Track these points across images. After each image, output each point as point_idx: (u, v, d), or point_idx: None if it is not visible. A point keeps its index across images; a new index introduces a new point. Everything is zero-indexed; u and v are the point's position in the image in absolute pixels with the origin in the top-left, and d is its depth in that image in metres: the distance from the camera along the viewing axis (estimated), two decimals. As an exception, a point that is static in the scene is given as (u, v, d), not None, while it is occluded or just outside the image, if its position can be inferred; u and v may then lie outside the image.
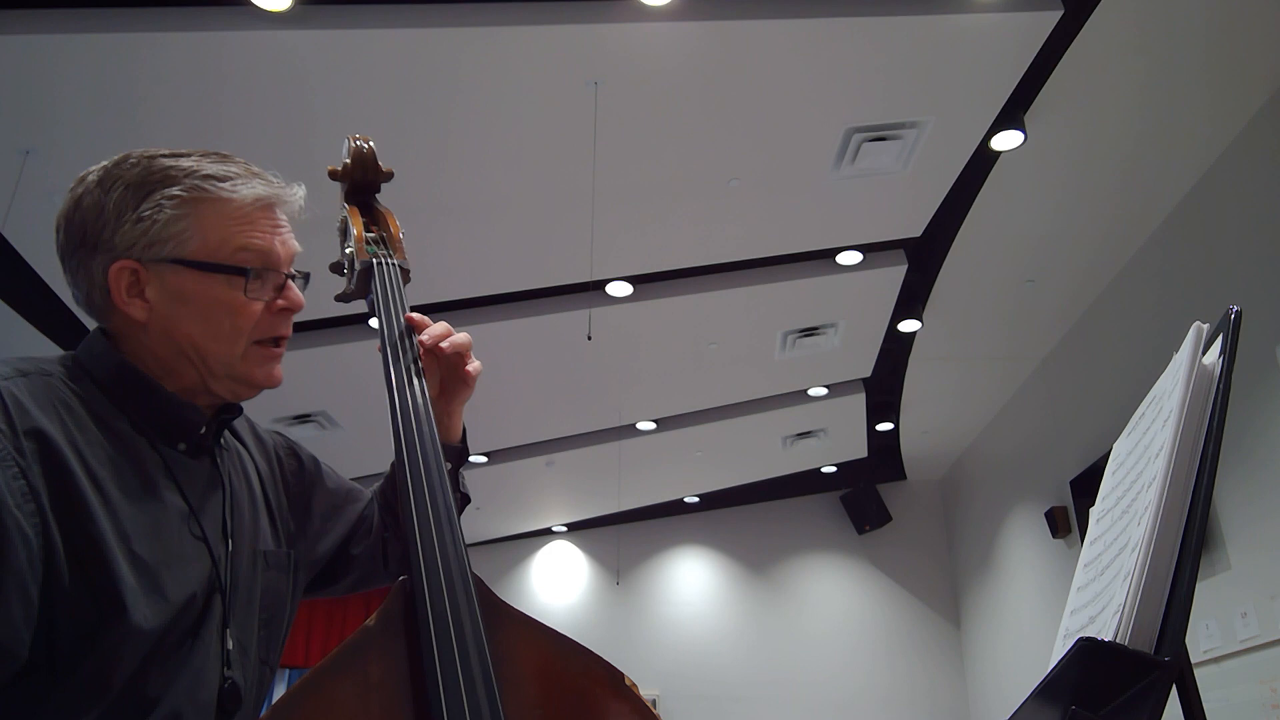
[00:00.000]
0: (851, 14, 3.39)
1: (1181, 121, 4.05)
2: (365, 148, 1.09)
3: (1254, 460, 3.85)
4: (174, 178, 0.94)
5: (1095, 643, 0.72)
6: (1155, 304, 4.80)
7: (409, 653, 0.82)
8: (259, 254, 0.96)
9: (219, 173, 0.95)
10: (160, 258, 0.92)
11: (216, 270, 0.93)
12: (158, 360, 0.95)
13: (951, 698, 7.79)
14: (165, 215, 0.92)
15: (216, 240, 0.94)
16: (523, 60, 3.43)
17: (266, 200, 0.98)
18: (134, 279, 0.92)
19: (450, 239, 4.30)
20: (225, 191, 0.95)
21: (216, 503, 0.98)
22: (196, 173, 0.95)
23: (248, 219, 0.96)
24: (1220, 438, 0.76)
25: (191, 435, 0.97)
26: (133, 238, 0.92)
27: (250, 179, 0.97)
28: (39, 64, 3.16)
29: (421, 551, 0.87)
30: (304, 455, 1.18)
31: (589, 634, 7.96)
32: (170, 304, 0.93)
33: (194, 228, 0.93)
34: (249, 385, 0.98)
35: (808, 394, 6.51)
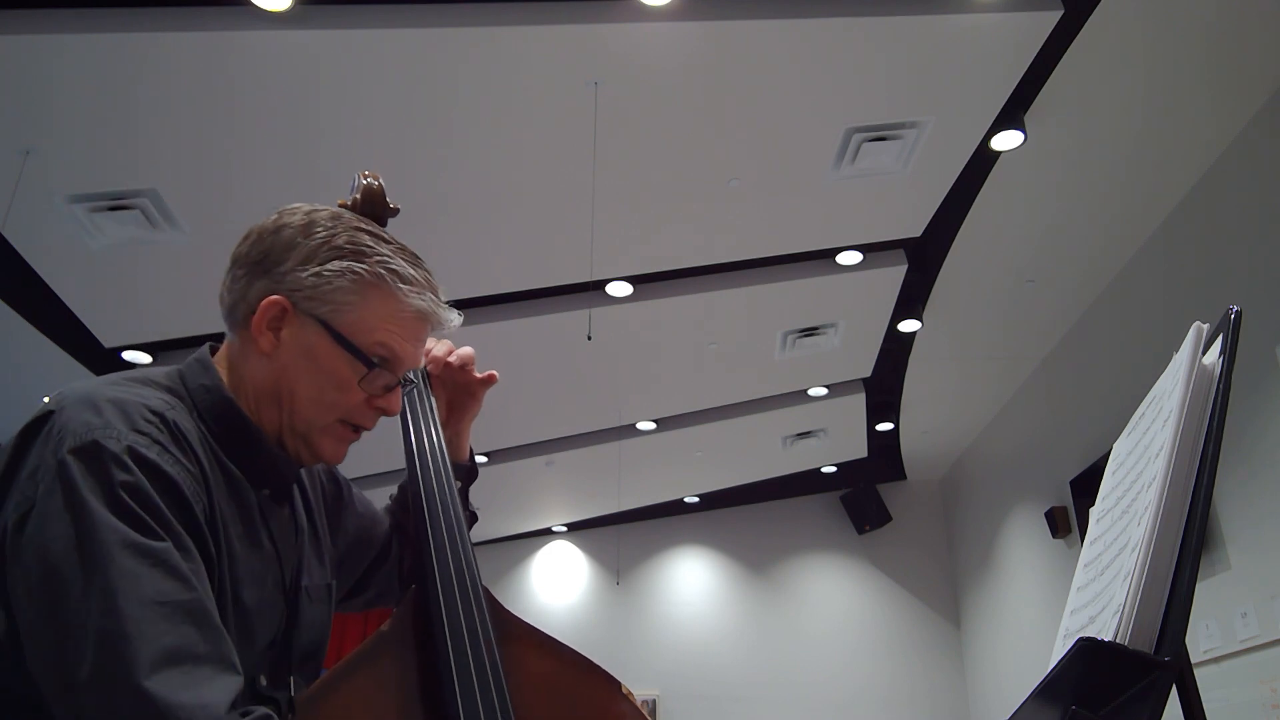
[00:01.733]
0: (851, 14, 3.39)
1: (1181, 121, 4.05)
2: (375, 184, 1.12)
3: (1254, 460, 3.85)
4: (366, 256, 0.98)
5: (1095, 643, 0.72)
6: (1155, 304, 4.80)
7: (419, 658, 0.87)
8: (392, 358, 0.99)
9: (404, 274, 0.99)
10: (313, 313, 0.96)
11: (351, 351, 0.96)
12: (254, 392, 0.97)
13: (951, 698, 7.79)
14: (340, 283, 0.96)
15: (367, 326, 0.97)
16: (523, 60, 3.43)
17: (427, 315, 1.02)
18: (280, 315, 0.96)
19: (450, 239, 4.30)
20: (400, 293, 0.99)
21: (291, 548, 1.01)
22: (387, 263, 0.98)
23: (401, 324, 0.99)
24: (1220, 438, 0.77)
25: (281, 485, 1.00)
26: (301, 284, 0.96)
27: (424, 292, 1.01)
28: (39, 64, 3.16)
29: (437, 566, 0.92)
30: (341, 480, 1.21)
31: (589, 634, 7.96)
32: (295, 352, 0.96)
33: (357, 306, 0.97)
34: (314, 455, 1.01)
35: (808, 394, 6.51)
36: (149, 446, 0.81)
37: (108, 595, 0.73)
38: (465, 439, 1.23)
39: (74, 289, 4.27)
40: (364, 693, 0.82)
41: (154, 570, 0.76)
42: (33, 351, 4.63)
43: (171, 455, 0.83)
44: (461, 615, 0.88)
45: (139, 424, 0.82)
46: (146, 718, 0.70)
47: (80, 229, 3.86)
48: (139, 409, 0.84)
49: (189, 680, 0.73)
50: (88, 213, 3.78)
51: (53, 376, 4.77)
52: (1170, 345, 0.89)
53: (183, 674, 0.73)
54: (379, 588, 1.23)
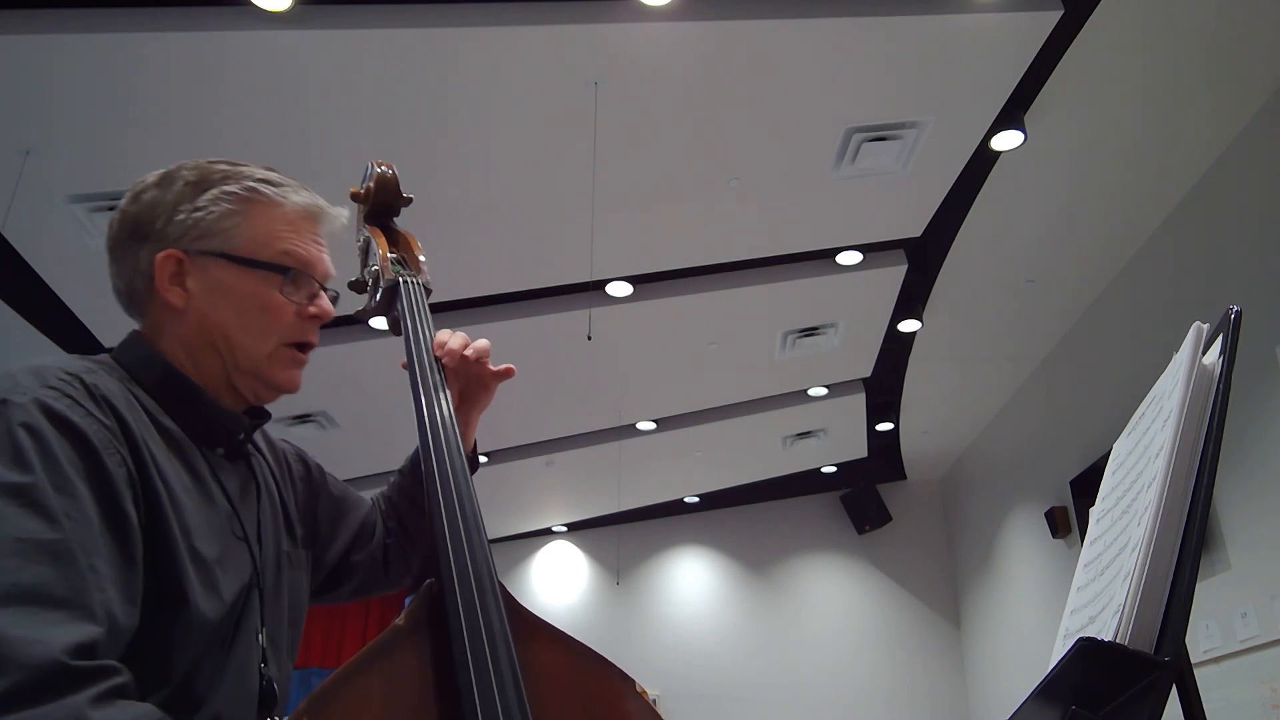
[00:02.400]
0: (851, 14, 3.39)
1: (1181, 121, 4.05)
2: (389, 173, 1.12)
3: (1254, 460, 3.85)
4: (231, 178, 1.00)
5: (1095, 643, 0.72)
6: (1155, 304, 4.80)
7: (435, 653, 0.86)
8: (299, 259, 1.00)
9: (273, 179, 1.02)
10: (206, 250, 0.97)
11: (257, 267, 0.98)
12: (187, 350, 0.98)
13: (951, 698, 7.79)
14: (219, 209, 0.97)
15: (262, 240, 0.99)
16: (523, 60, 3.43)
17: (313, 212, 1.03)
18: (178, 268, 0.96)
19: (450, 239, 4.30)
20: (277, 195, 1.01)
21: (251, 505, 1.01)
22: (252, 176, 1.00)
23: (293, 226, 1.01)
24: (1220, 438, 0.76)
25: (230, 441, 1.00)
26: (184, 229, 0.97)
27: (300, 190, 1.03)
28: (39, 64, 3.16)
29: (453, 559, 0.91)
30: (311, 462, 1.21)
31: (589, 634, 7.93)
32: (209, 294, 0.97)
33: (243, 225, 0.98)
34: (270, 386, 1.01)
35: (808, 394, 6.51)
36: (57, 399, 0.81)
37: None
38: (472, 429, 1.24)
39: (74, 289, 4.27)
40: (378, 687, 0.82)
41: (21, 509, 0.74)
42: (33, 351, 4.63)
43: (82, 409, 0.83)
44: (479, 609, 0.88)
45: (50, 381, 0.83)
46: None
47: (80, 229, 3.86)
48: (53, 371, 0.85)
49: (29, 620, 0.69)
50: (88, 213, 3.78)
51: (53, 376, 4.76)
52: (1170, 345, 0.89)
53: (25, 613, 0.70)
54: (362, 574, 1.22)
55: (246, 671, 0.93)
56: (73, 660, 0.69)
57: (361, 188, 1.12)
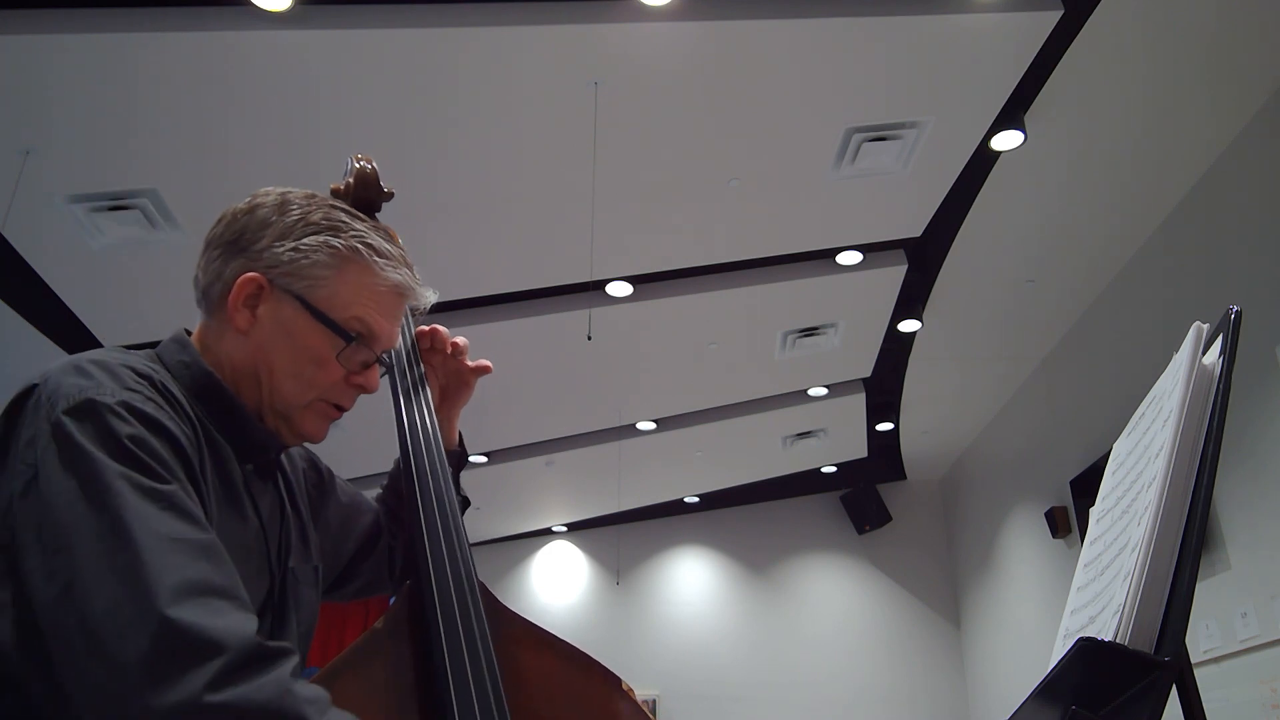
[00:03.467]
0: (851, 14, 3.39)
1: (1181, 121, 4.05)
2: (369, 168, 1.11)
3: (1254, 460, 3.85)
4: (341, 231, 0.98)
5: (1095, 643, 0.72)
6: (1155, 304, 4.80)
7: (415, 654, 0.86)
8: (369, 333, 0.99)
9: (380, 248, 1.00)
10: (289, 289, 0.96)
11: (327, 325, 0.96)
12: (233, 371, 0.97)
13: (951, 698, 7.79)
14: (317, 258, 0.97)
15: (343, 301, 0.97)
16: (523, 60, 3.43)
17: (403, 291, 1.02)
18: (256, 292, 0.96)
19: (450, 239, 4.30)
20: (377, 267, 0.99)
21: (276, 523, 1.01)
22: (363, 237, 0.99)
23: (378, 298, 1.00)
24: (1220, 438, 0.77)
25: (262, 458, 1.00)
26: (278, 260, 0.96)
27: (400, 267, 1.01)
28: (39, 64, 3.16)
29: (431, 560, 0.91)
30: (323, 468, 1.21)
31: (589, 634, 7.96)
32: (272, 329, 0.97)
33: (333, 280, 0.97)
34: (296, 433, 1.01)
35: (808, 394, 6.50)
36: (144, 401, 0.82)
37: (120, 534, 0.73)
38: (455, 424, 1.23)
39: (74, 289, 4.27)
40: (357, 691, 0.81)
41: (165, 512, 0.75)
42: (33, 351, 4.63)
43: (166, 411, 0.83)
44: (456, 609, 0.87)
45: (129, 383, 0.83)
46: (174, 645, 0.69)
47: (80, 229, 3.86)
48: (126, 370, 0.85)
49: (213, 610, 0.72)
50: (88, 213, 3.78)
51: (53, 376, 4.76)
52: (1170, 345, 0.89)
53: (206, 604, 0.72)
54: (368, 576, 1.23)
55: None
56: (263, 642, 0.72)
57: (341, 183, 1.12)
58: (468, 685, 0.82)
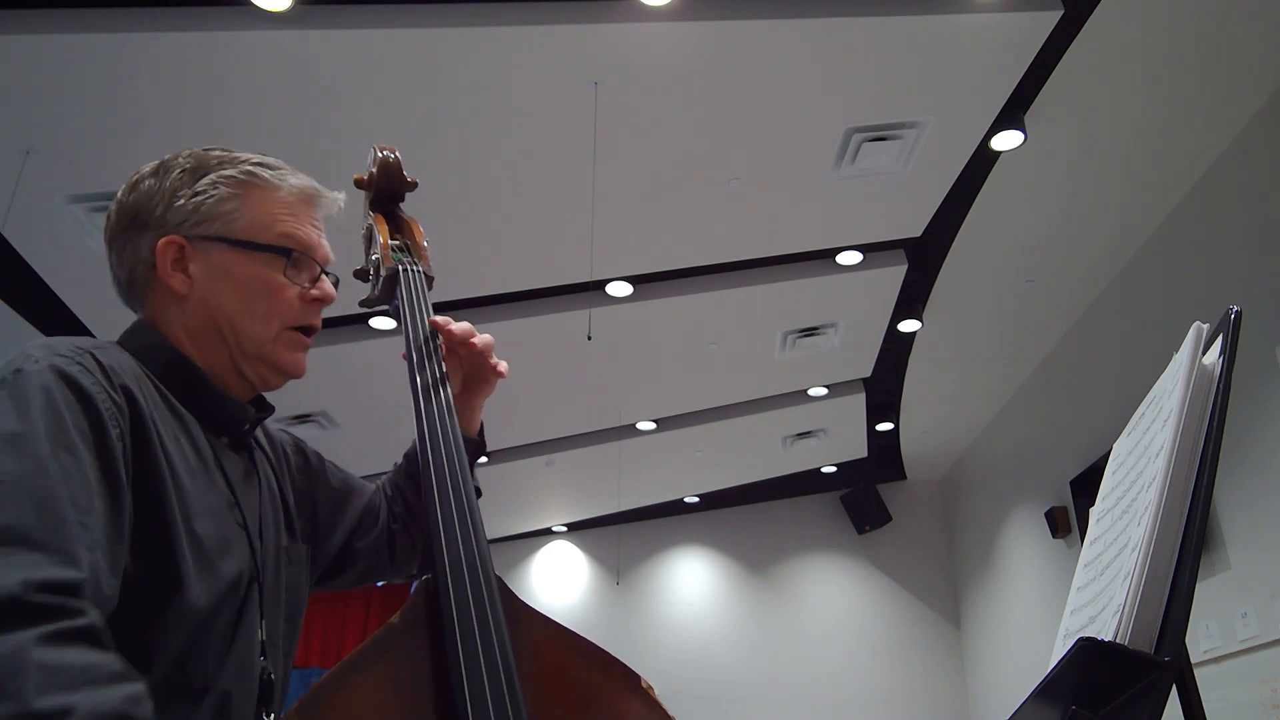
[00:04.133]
0: (851, 14, 3.39)
1: (1181, 121, 4.05)
2: (391, 157, 1.12)
3: (1254, 460, 3.85)
4: (227, 163, 1.01)
5: (1095, 643, 0.72)
6: (1155, 304, 4.80)
7: (432, 649, 0.85)
8: (300, 242, 1.01)
9: (269, 163, 1.03)
10: (207, 235, 0.97)
11: (259, 249, 0.98)
12: (191, 336, 0.98)
13: (951, 698, 7.79)
14: (218, 193, 0.98)
15: (262, 223, 0.99)
16: (523, 60, 3.43)
17: (310, 194, 1.04)
18: (179, 254, 0.97)
19: (451, 239, 4.30)
20: (274, 178, 1.02)
21: (253, 496, 1.01)
22: (248, 161, 1.02)
23: (291, 209, 1.02)
24: (1220, 438, 0.76)
25: (235, 430, 1.00)
26: (184, 215, 0.97)
27: (296, 173, 1.05)
28: (39, 64, 3.16)
29: (447, 552, 0.90)
30: (309, 452, 1.20)
31: (589, 634, 7.79)
32: (212, 279, 0.98)
33: (242, 209, 0.99)
34: (276, 370, 1.02)
35: (808, 394, 6.51)
36: (69, 364, 0.82)
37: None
38: (477, 414, 1.22)
39: (74, 289, 4.27)
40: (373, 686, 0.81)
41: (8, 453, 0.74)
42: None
43: (92, 376, 0.83)
44: (473, 604, 0.87)
45: (61, 351, 0.84)
46: None
47: (80, 229, 3.86)
48: (65, 343, 0.86)
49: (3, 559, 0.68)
50: (88, 213, 3.78)
51: (53, 376, 4.76)
52: (1170, 345, 0.89)
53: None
54: (366, 561, 1.21)
55: (247, 664, 0.93)
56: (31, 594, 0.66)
57: (365, 173, 1.11)
58: (483, 681, 0.81)
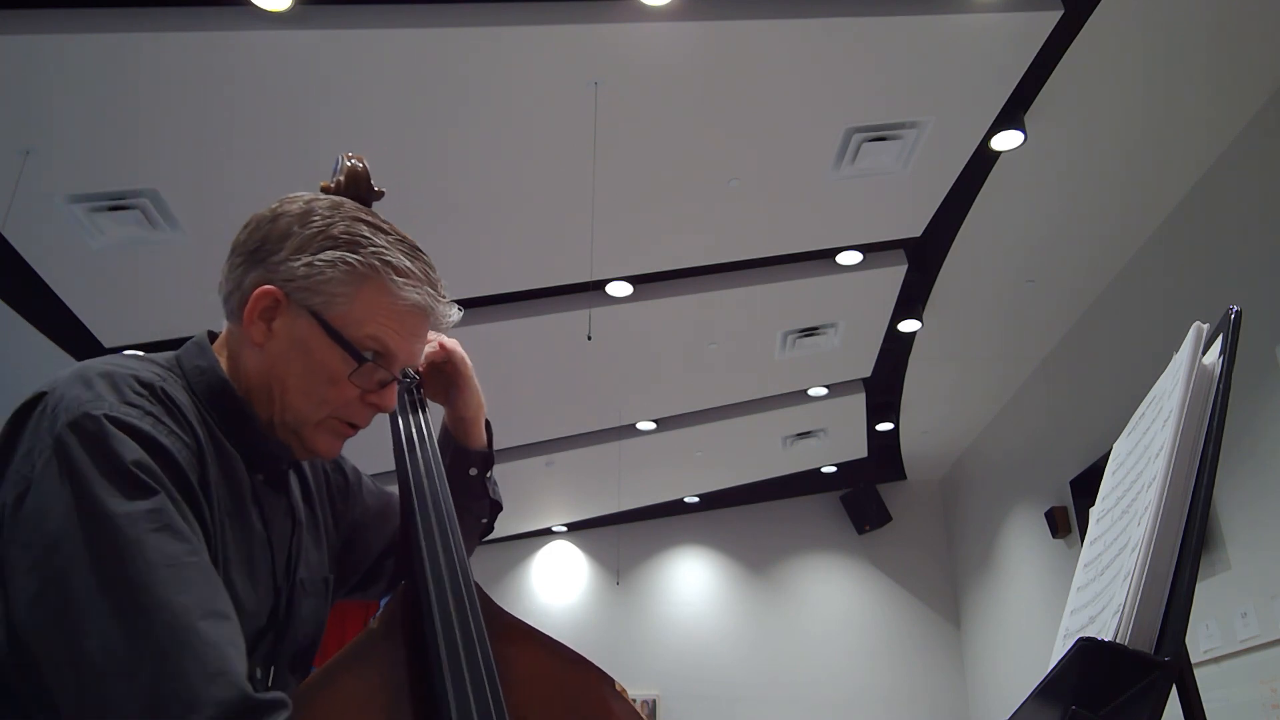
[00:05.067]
0: (851, 14, 3.39)
1: (1181, 121, 4.05)
2: (360, 166, 1.10)
3: (1254, 460, 3.85)
4: (361, 246, 0.95)
5: (1095, 643, 0.72)
6: (1155, 304, 4.80)
7: (409, 655, 0.86)
8: (384, 352, 0.96)
9: (400, 266, 0.96)
10: (305, 304, 0.94)
11: (341, 344, 0.94)
12: (246, 383, 0.96)
13: (951, 698, 7.79)
14: (334, 274, 0.93)
15: (359, 318, 0.95)
16: (523, 60, 3.43)
17: (423, 310, 0.99)
18: (272, 306, 0.94)
19: (450, 239, 4.30)
20: (395, 286, 0.96)
21: (285, 536, 1.00)
22: (383, 254, 0.95)
23: (396, 317, 0.96)
24: (1220, 438, 0.76)
25: (273, 469, 0.99)
26: (294, 275, 0.93)
27: (421, 286, 0.98)
28: (39, 64, 3.16)
29: (427, 561, 0.91)
30: (348, 469, 1.19)
31: (589, 634, 7.96)
32: (287, 344, 0.94)
33: (350, 297, 0.94)
34: (308, 450, 0.99)
35: (808, 394, 6.50)
36: (141, 418, 0.81)
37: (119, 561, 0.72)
38: (475, 425, 1.20)
39: (74, 289, 4.27)
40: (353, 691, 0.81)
41: (159, 534, 0.75)
42: (33, 351, 4.63)
43: (165, 426, 0.83)
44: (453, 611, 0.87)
45: (129, 396, 0.82)
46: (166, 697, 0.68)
47: (80, 229, 3.86)
48: (128, 380, 0.84)
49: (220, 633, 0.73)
50: (88, 213, 3.78)
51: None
52: (1170, 345, 0.89)
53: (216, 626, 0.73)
54: (390, 579, 1.21)
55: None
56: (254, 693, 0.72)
57: (331, 182, 1.11)
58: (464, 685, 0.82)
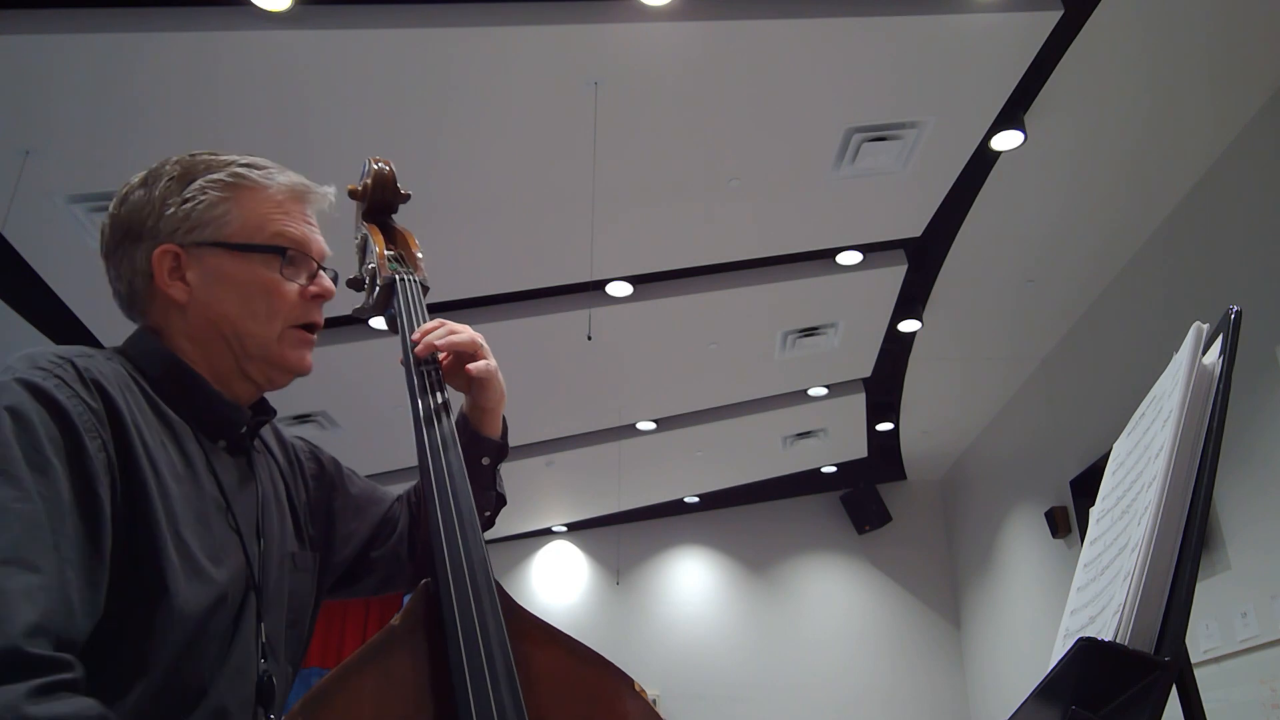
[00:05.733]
0: (851, 14, 3.39)
1: (1181, 122, 4.05)
2: (386, 170, 1.12)
3: (1254, 460, 3.85)
4: (214, 166, 1.01)
5: (1095, 643, 0.72)
6: (1155, 304, 4.80)
7: (431, 652, 0.86)
8: (293, 239, 1.02)
9: (257, 163, 1.03)
10: (201, 240, 0.98)
11: (254, 250, 0.98)
12: (194, 344, 0.98)
13: (951, 698, 7.79)
14: (207, 198, 0.98)
15: (254, 224, 1.00)
16: (523, 60, 3.43)
17: (300, 191, 1.04)
18: (175, 262, 0.97)
19: (450, 239, 4.30)
20: (262, 178, 1.02)
21: (250, 501, 1.01)
22: (235, 163, 1.02)
23: (282, 207, 1.02)
24: (1220, 438, 0.76)
25: (232, 434, 1.00)
26: (175, 223, 0.98)
27: (285, 171, 1.05)
28: (39, 64, 3.16)
29: (448, 557, 0.91)
30: (325, 458, 1.20)
31: (589, 634, 7.93)
32: (210, 285, 0.98)
33: (233, 211, 0.99)
34: (282, 369, 1.02)
35: (808, 394, 6.50)
36: (45, 378, 0.82)
37: None
38: (493, 417, 1.20)
39: (74, 289, 4.27)
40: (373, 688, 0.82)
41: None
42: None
43: (69, 389, 0.83)
44: (473, 609, 0.88)
45: (39, 363, 0.84)
46: None
47: (80, 229, 3.86)
48: (46, 354, 0.86)
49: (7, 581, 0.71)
50: (88, 213, 3.78)
51: (53, 376, 4.77)
52: (1170, 345, 0.89)
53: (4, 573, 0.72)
54: (384, 570, 1.21)
55: (245, 669, 0.93)
56: (28, 646, 0.69)
57: (359, 185, 1.12)
58: (484, 683, 0.82)
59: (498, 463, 1.22)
